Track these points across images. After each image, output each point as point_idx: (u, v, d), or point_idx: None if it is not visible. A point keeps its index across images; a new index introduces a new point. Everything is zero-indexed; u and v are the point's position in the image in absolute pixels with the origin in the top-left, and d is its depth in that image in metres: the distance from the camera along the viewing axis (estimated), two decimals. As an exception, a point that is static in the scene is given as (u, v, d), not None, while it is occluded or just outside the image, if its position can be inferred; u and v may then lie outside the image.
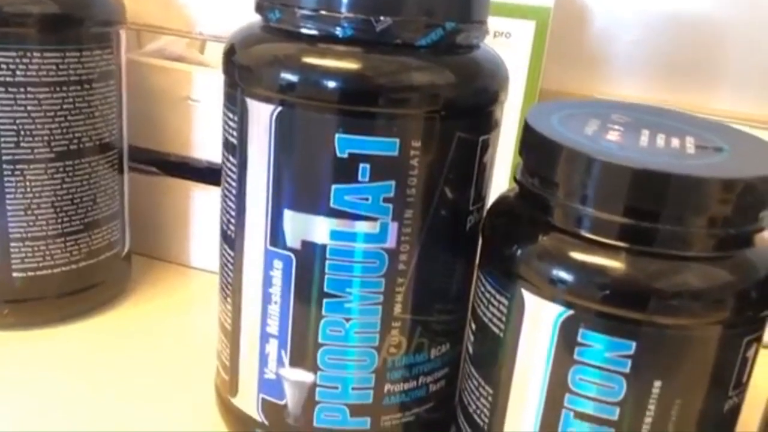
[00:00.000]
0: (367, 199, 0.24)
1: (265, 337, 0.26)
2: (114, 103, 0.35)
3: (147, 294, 0.41)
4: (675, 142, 0.24)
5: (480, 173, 0.26)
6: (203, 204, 0.43)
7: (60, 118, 0.33)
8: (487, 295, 0.25)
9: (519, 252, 0.24)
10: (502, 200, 0.27)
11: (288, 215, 0.24)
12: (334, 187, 0.24)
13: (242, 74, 0.25)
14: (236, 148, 0.25)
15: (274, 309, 0.26)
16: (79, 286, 0.36)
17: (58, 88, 0.32)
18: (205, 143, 0.41)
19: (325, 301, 0.25)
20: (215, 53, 0.45)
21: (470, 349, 0.27)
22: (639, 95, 0.47)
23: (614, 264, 0.22)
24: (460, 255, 0.27)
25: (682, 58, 0.47)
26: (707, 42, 0.46)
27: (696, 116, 0.27)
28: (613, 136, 0.24)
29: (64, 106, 0.33)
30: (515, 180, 0.26)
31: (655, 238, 0.22)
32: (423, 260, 0.25)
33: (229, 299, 0.27)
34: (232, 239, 0.27)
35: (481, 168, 0.26)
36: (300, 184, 0.24)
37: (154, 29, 0.42)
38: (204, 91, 0.40)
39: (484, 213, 0.27)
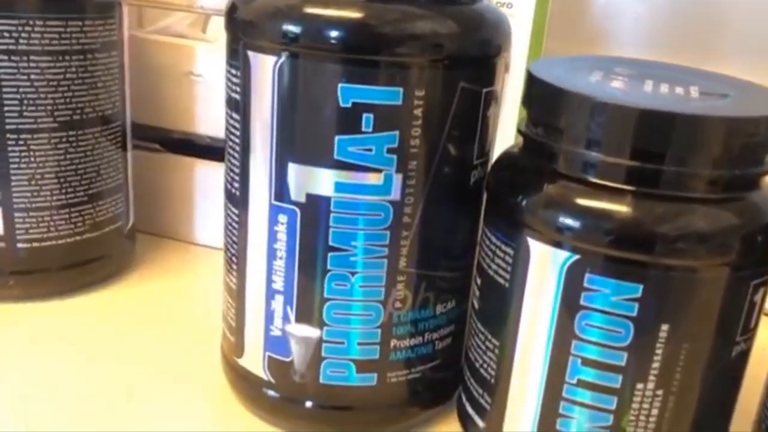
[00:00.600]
0: (370, 150, 0.24)
1: (270, 293, 0.26)
2: (116, 74, 0.35)
3: (151, 270, 0.41)
4: (679, 89, 0.24)
5: (483, 127, 0.26)
6: (207, 181, 0.43)
7: (63, 88, 0.33)
8: (493, 248, 0.25)
9: (524, 201, 0.24)
10: (505, 155, 0.27)
11: (292, 168, 0.24)
12: (337, 138, 0.24)
13: (244, 28, 0.25)
14: (239, 103, 0.25)
15: (280, 265, 0.26)
16: (83, 258, 0.36)
17: (60, 57, 0.32)
18: (208, 119, 0.41)
19: (330, 254, 0.25)
20: (217, 31, 0.45)
21: (476, 305, 0.27)
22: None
23: (620, 207, 0.22)
24: (465, 210, 0.27)
25: (685, 34, 0.47)
26: (710, 17, 0.46)
27: (700, 69, 0.27)
28: (617, 84, 0.24)
29: (67, 76, 0.33)
30: (519, 132, 0.26)
31: (660, 181, 0.22)
32: (427, 214, 0.25)
33: (234, 259, 0.27)
34: (236, 197, 0.27)
35: (484, 121, 0.26)
36: (304, 136, 0.24)
37: (154, 4, 0.42)
38: (207, 66, 0.40)
39: (488, 169, 0.27)
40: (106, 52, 0.34)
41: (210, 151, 0.43)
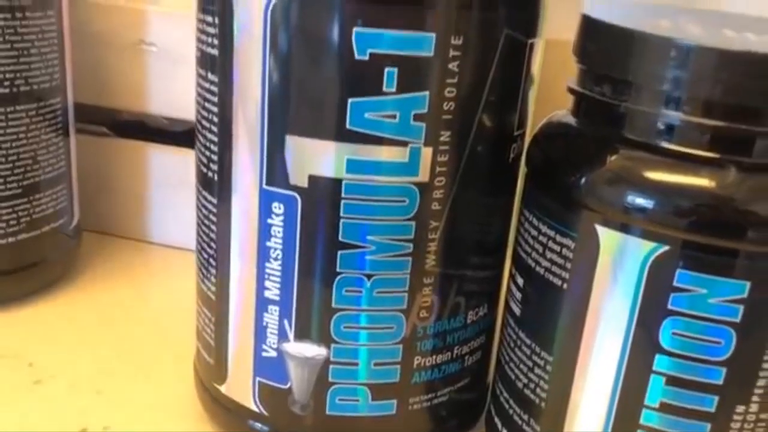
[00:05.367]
0: (394, 117, 0.18)
1: (262, 304, 0.21)
2: (54, 40, 0.29)
3: (100, 274, 0.35)
4: (768, 38, 0.19)
5: (525, 90, 0.21)
6: (163, 169, 0.37)
7: (-15, 54, 0.27)
8: (542, 239, 0.20)
9: (586, 178, 0.19)
10: (551, 122, 0.22)
11: (291, 142, 0.19)
12: (351, 101, 0.18)
13: (223, -41, 0.19)
14: (216, 60, 0.20)
15: (275, 267, 0.20)
16: (19, 263, 0.30)
17: (-19, 16, 0.26)
18: (164, 96, 0.35)
19: (340, 253, 0.20)
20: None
21: (516, 310, 0.22)
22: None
23: (722, 183, 0.17)
24: (502, 192, 0.22)
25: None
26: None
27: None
28: (694, 29, 0.19)
29: (-10, 39, 0.27)
30: (570, 91, 0.21)
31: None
32: (461, 199, 0.20)
33: (211, 261, 0.22)
34: (212, 183, 0.21)
35: (527, 83, 0.21)
36: (305, 100, 0.19)
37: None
38: (160, 34, 0.34)
39: (529, 141, 0.22)
40: (41, 10, 0.28)
41: (166, 134, 0.37)
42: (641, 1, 0.24)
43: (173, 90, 0.35)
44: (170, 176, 0.37)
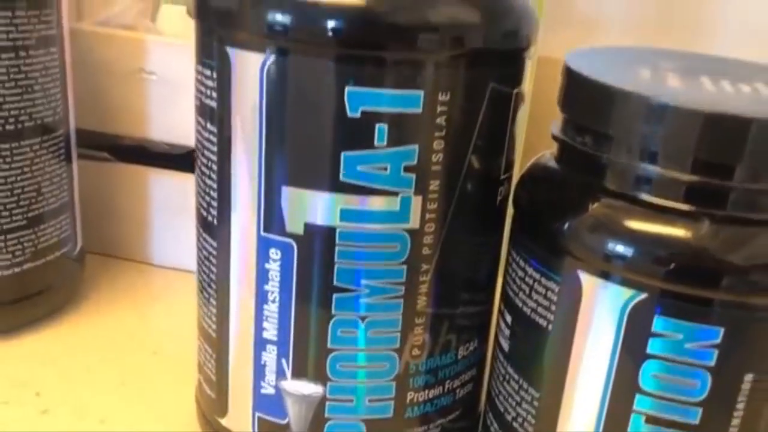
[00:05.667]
0: (385, 169, 0.19)
1: (261, 344, 0.21)
2: (57, 75, 0.30)
3: (103, 298, 0.35)
4: (745, 87, 0.20)
5: (511, 136, 0.22)
6: (163, 193, 0.37)
7: (-9, 93, 0.28)
8: (528, 280, 0.21)
9: (569, 225, 0.20)
10: (538, 166, 0.22)
11: (287, 193, 0.20)
12: (344, 154, 0.19)
13: (221, 17, 0.20)
14: (215, 112, 0.21)
15: (272, 309, 0.21)
16: (24, 292, 0.31)
17: (-14, 57, 0.27)
18: (163, 123, 0.36)
19: (335, 296, 0.20)
20: (170, 20, 0.40)
21: (504, 346, 0.23)
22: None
23: (697, 234, 0.18)
24: (490, 233, 0.23)
25: (680, 18, 0.44)
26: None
27: (755, 62, 0.23)
28: (673, 81, 0.20)
29: (-4, 78, 0.27)
30: (554, 138, 0.21)
31: (751, 201, 0.18)
32: (450, 242, 0.21)
33: (212, 300, 0.23)
34: (213, 226, 0.22)
35: (512, 129, 0.22)
36: (300, 153, 0.19)
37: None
38: (159, 62, 0.35)
39: (514, 183, 0.23)
40: (44, 48, 0.29)
41: (167, 159, 0.37)
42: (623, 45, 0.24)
43: (173, 117, 0.36)
44: (170, 199, 0.38)
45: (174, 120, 0.36)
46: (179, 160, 0.37)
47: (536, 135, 0.34)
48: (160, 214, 0.38)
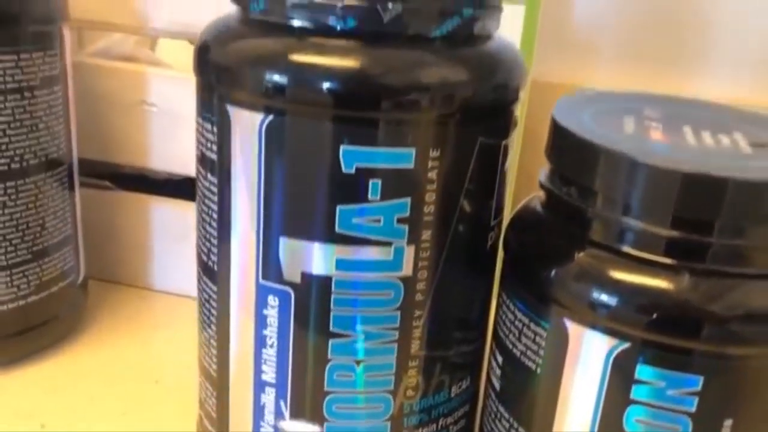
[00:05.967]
0: (378, 221, 0.20)
1: (260, 386, 0.22)
2: (60, 112, 0.31)
3: (106, 324, 0.36)
4: (725, 139, 0.21)
5: (501, 183, 0.22)
6: (164, 220, 0.38)
7: (-3, 133, 0.28)
8: (518, 324, 0.22)
9: (555, 273, 0.21)
10: (526, 210, 0.23)
11: (284, 243, 0.21)
12: (339, 208, 0.20)
13: (221, 76, 0.20)
14: (215, 164, 0.21)
15: (270, 354, 0.22)
16: (29, 324, 0.32)
17: (-7, 99, 0.28)
18: (164, 152, 0.37)
19: (331, 342, 0.21)
20: (169, 50, 0.41)
21: (496, 385, 0.23)
22: (632, 81, 0.44)
23: (677, 287, 0.19)
24: (481, 277, 0.23)
25: (675, 43, 0.44)
26: (701, 27, 0.44)
27: (738, 108, 0.24)
28: (655, 134, 0.21)
29: (2, 119, 0.28)
30: (541, 186, 0.22)
31: (729, 255, 0.19)
32: (443, 287, 0.22)
33: (213, 342, 0.23)
34: (214, 272, 0.23)
35: (501, 177, 0.22)
36: (298, 206, 0.20)
37: (100, 26, 0.37)
38: (160, 94, 0.36)
39: (503, 227, 0.24)
40: (47, 88, 0.30)
41: (167, 186, 0.38)
42: (609, 90, 0.25)
43: (173, 148, 0.36)
44: (171, 226, 0.38)
45: (174, 151, 0.36)
46: (179, 187, 0.38)
47: (531, 152, 0.35)
48: (160, 240, 0.39)
